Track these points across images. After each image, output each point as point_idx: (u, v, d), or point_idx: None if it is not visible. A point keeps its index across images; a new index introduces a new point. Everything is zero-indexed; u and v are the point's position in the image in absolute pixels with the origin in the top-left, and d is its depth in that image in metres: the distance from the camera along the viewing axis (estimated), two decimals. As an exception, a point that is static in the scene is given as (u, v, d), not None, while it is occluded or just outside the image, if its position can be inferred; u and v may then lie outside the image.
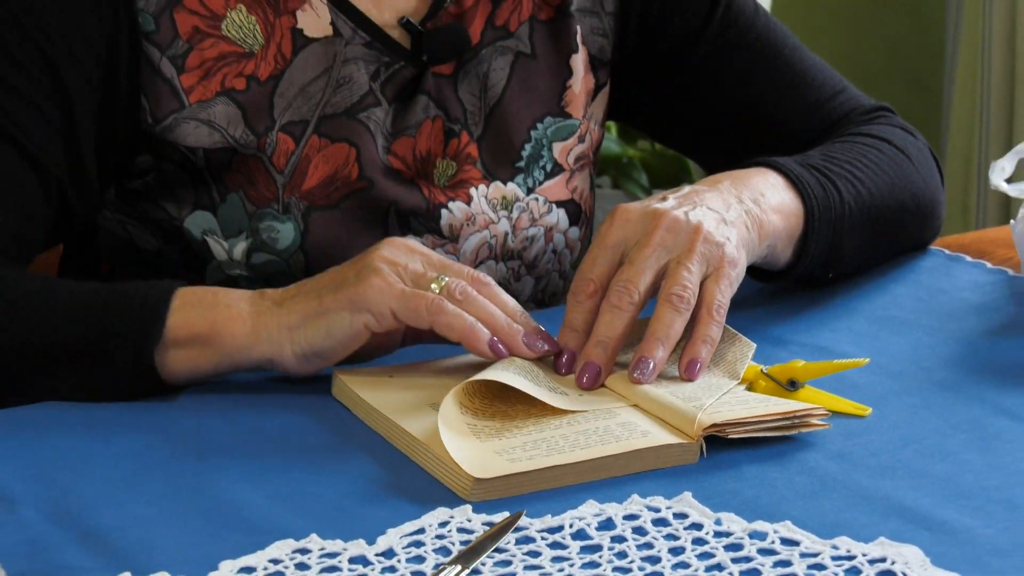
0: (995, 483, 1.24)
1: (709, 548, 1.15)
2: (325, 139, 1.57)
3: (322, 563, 1.13)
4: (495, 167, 1.64)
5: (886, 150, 1.63)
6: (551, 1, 1.66)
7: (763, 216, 1.47)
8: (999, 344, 1.49)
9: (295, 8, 1.56)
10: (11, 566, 0.98)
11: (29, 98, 1.48)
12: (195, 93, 1.53)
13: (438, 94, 1.61)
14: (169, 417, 1.37)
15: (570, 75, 1.67)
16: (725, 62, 1.70)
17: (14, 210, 1.48)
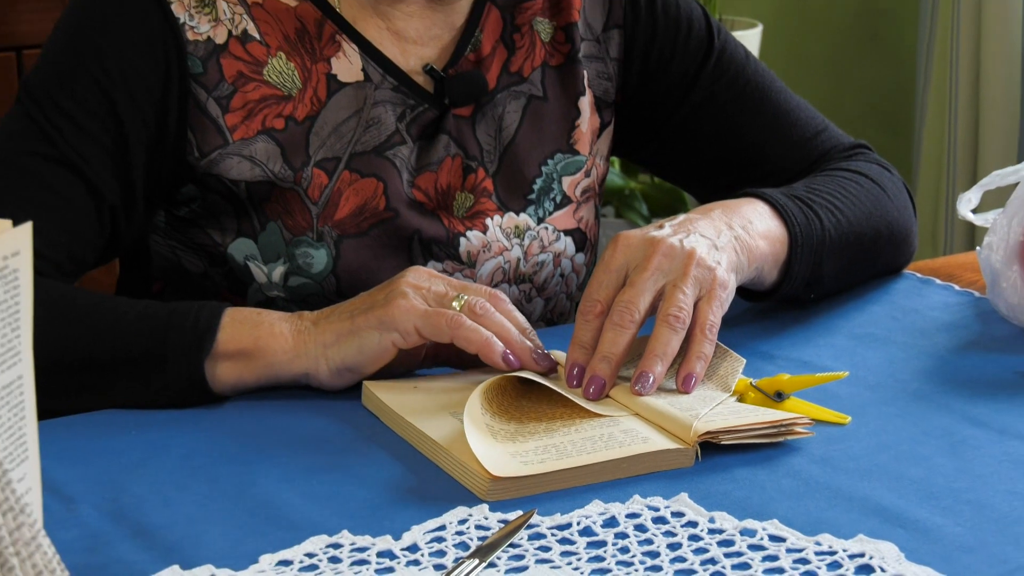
0: (963, 485, 1.24)
1: (704, 544, 1.14)
2: (355, 174, 1.57)
3: (353, 557, 1.13)
4: (508, 199, 1.64)
5: (863, 183, 1.63)
6: (561, 49, 1.66)
7: (751, 241, 1.48)
8: (966, 359, 1.49)
9: (330, 56, 1.56)
10: (69, 560, 0.97)
11: (90, 132, 1.49)
12: (238, 131, 1.53)
13: (458, 134, 1.61)
14: (214, 423, 1.37)
15: (578, 115, 1.67)
16: (718, 105, 1.70)
17: (71, 230, 1.49)
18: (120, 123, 1.50)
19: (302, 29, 1.56)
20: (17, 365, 0.99)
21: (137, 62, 1.51)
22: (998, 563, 1.12)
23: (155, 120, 1.52)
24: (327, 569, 1.12)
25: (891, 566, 1.11)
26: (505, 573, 1.11)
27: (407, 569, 1.12)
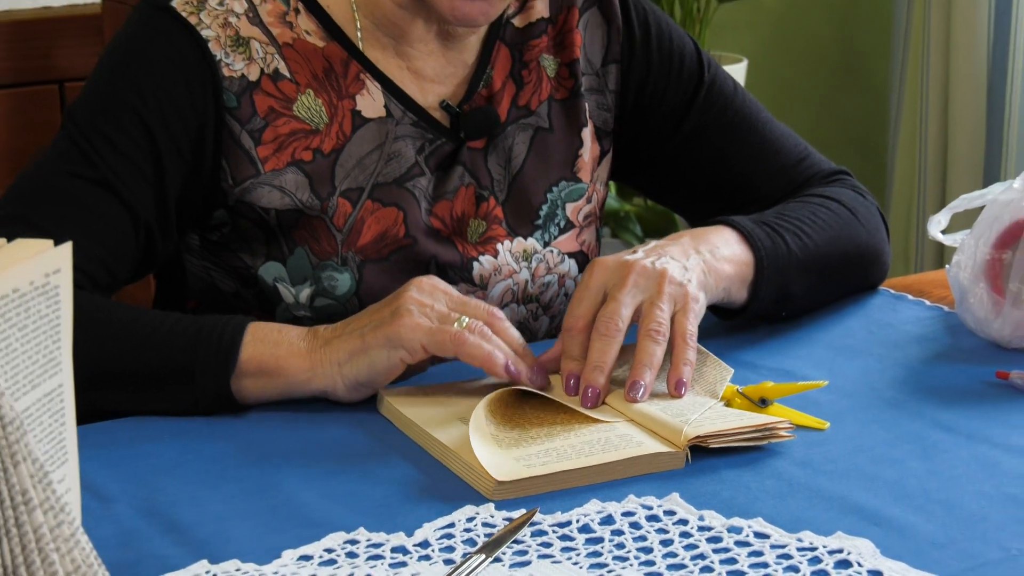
0: (934, 486, 1.23)
1: (694, 540, 1.14)
2: (377, 203, 1.56)
3: (368, 552, 1.13)
4: (517, 225, 1.63)
5: (834, 208, 1.63)
6: (565, 83, 1.66)
7: (717, 265, 1.48)
8: (936, 369, 1.48)
9: (355, 93, 1.56)
10: (105, 555, 0.97)
11: (128, 156, 1.49)
12: (269, 163, 1.53)
13: (472, 165, 1.61)
14: (240, 429, 1.37)
15: (581, 145, 1.67)
16: (708, 134, 1.70)
17: (107, 245, 1.48)
18: (157, 151, 1.50)
19: (329, 68, 1.56)
20: (58, 375, 0.99)
21: (175, 95, 1.51)
22: (967, 558, 1.12)
23: (191, 149, 1.51)
24: (345, 563, 1.12)
25: (867, 561, 1.10)
26: (510, 568, 1.11)
27: (419, 564, 1.11)
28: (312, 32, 1.56)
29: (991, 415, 1.37)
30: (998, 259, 1.50)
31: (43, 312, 0.96)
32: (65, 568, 0.89)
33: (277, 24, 1.55)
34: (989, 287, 1.51)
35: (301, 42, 1.55)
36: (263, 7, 1.55)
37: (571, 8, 1.66)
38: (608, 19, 1.68)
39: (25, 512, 0.87)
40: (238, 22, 1.53)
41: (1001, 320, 1.50)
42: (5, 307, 0.92)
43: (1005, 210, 1.51)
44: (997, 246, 1.50)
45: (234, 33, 1.53)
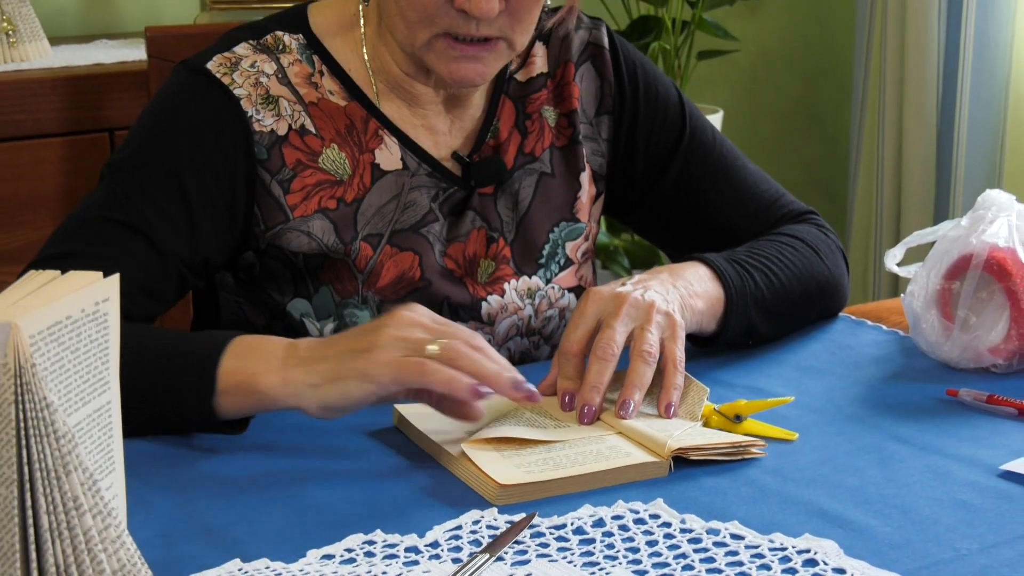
0: (891, 492, 1.23)
1: (676, 541, 1.14)
2: (395, 248, 1.56)
3: (384, 551, 1.13)
4: (523, 264, 1.63)
5: (799, 247, 1.63)
6: (565, 132, 1.66)
7: (690, 300, 1.48)
8: (893, 387, 1.48)
9: (374, 148, 1.56)
10: (148, 554, 0.97)
11: (160, 205, 1.47)
12: (298, 210, 1.52)
13: (482, 209, 1.61)
14: (270, 441, 1.36)
15: (579, 188, 1.66)
16: (690, 178, 1.70)
17: (138, 283, 1.45)
18: (188, 201, 1.48)
19: (351, 124, 1.55)
20: (106, 392, 0.99)
21: (207, 151, 1.50)
22: (920, 558, 1.11)
23: (223, 199, 1.50)
24: (363, 562, 1.11)
25: (832, 560, 1.10)
26: (511, 565, 1.11)
27: (430, 562, 1.11)
28: (335, 92, 1.56)
29: (942, 428, 1.37)
30: (948, 289, 1.50)
31: (93, 336, 0.96)
32: (112, 567, 0.88)
33: (303, 84, 1.55)
34: (940, 314, 1.50)
35: (325, 101, 1.55)
36: (291, 69, 1.54)
37: (568, 63, 1.65)
38: (601, 73, 1.67)
39: (76, 516, 0.87)
40: (268, 82, 1.53)
41: (951, 343, 1.50)
42: (59, 332, 0.91)
43: (954, 245, 1.51)
44: (947, 277, 1.50)
45: (264, 92, 1.52)
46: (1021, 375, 1.50)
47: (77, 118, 2.35)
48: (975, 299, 1.49)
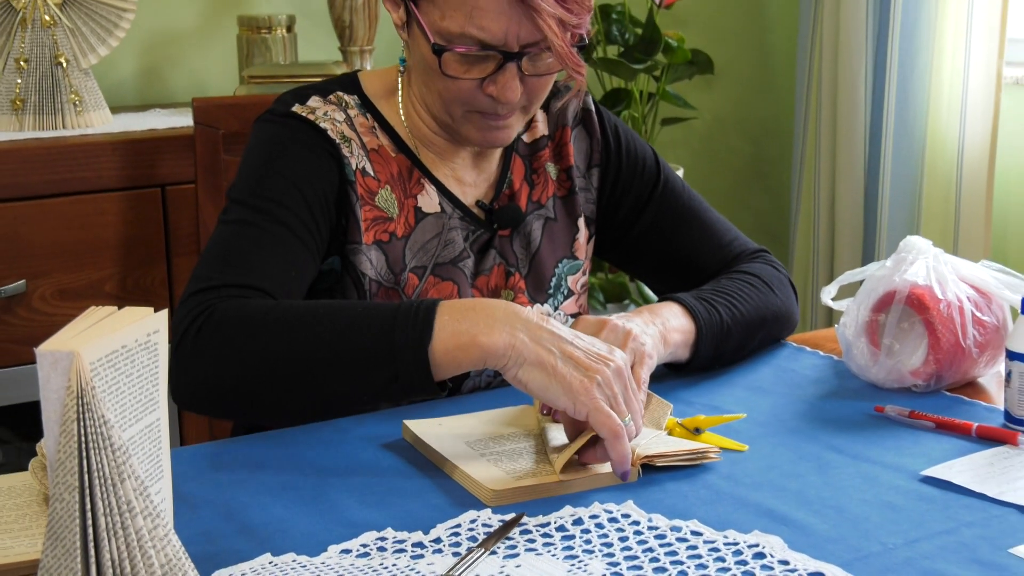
0: (828, 495, 1.23)
1: (644, 537, 1.14)
2: (437, 278, 1.56)
3: (395, 546, 1.12)
4: (535, 294, 1.64)
5: (756, 283, 1.63)
6: (564, 184, 1.68)
7: (667, 334, 1.48)
8: (828, 404, 1.48)
9: (416, 193, 1.57)
10: (191, 550, 0.97)
11: (293, 209, 1.46)
12: (364, 236, 1.53)
13: (501, 248, 1.62)
14: (298, 452, 1.35)
15: (577, 231, 1.68)
16: (663, 220, 1.71)
17: (302, 270, 1.45)
18: (310, 205, 1.48)
19: (399, 172, 1.57)
20: (156, 411, 0.98)
21: (313, 166, 1.50)
22: (853, 551, 1.11)
23: (331, 203, 1.50)
24: (376, 555, 1.11)
25: (778, 553, 1.10)
26: (503, 558, 1.10)
27: (433, 556, 1.11)
28: (386, 145, 1.57)
29: (871, 440, 1.36)
30: (875, 320, 1.50)
31: (145, 363, 0.96)
32: (160, 561, 0.88)
33: (366, 134, 1.56)
34: (868, 342, 1.50)
35: (382, 150, 1.57)
36: (356, 120, 1.56)
37: (564, 127, 1.68)
38: (590, 134, 1.69)
39: (129, 518, 0.87)
40: (340, 126, 1.54)
41: (878, 367, 1.50)
42: (116, 359, 0.91)
43: (880, 283, 1.51)
44: (874, 310, 1.50)
45: (340, 133, 1.54)
46: (938, 394, 1.49)
47: (133, 175, 2.35)
48: (898, 329, 1.49)
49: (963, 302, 1.48)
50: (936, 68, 2.94)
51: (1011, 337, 1.39)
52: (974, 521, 1.17)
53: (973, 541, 1.13)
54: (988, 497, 1.21)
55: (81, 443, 0.86)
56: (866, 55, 3.04)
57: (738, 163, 3.59)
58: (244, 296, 1.38)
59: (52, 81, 2.44)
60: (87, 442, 0.86)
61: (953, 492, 1.23)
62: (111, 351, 0.90)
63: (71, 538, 0.85)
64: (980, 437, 1.35)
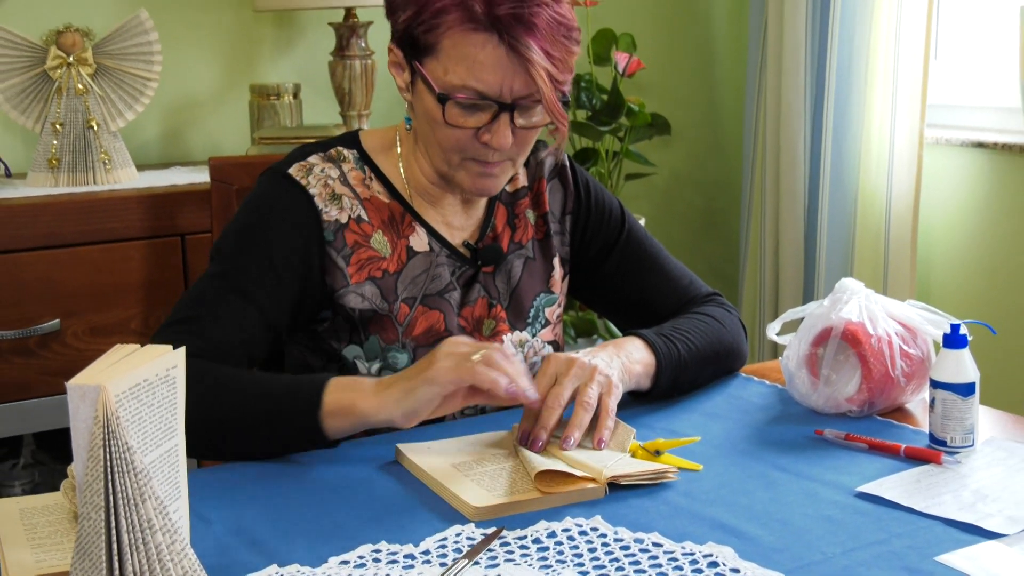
0: (774, 509, 1.22)
1: (611, 548, 1.13)
2: (426, 308, 1.57)
3: (388, 558, 1.12)
4: (515, 323, 1.63)
5: (709, 321, 1.64)
6: (541, 229, 1.68)
7: (630, 366, 1.49)
8: (774, 428, 1.47)
9: (408, 235, 1.58)
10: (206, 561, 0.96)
11: (259, 278, 1.49)
12: (354, 278, 1.53)
13: (485, 283, 1.62)
14: (302, 473, 1.35)
15: (553, 269, 1.68)
16: (626, 264, 1.71)
17: (243, 339, 1.48)
18: (278, 274, 1.50)
19: (392, 217, 1.57)
20: (174, 437, 0.98)
21: (291, 237, 1.52)
22: (796, 559, 1.11)
23: (304, 271, 1.52)
24: (371, 566, 1.10)
25: (729, 563, 1.09)
26: (485, 568, 1.10)
27: (423, 566, 1.10)
28: (381, 193, 1.58)
29: (812, 459, 1.36)
30: (814, 353, 1.50)
31: (165, 395, 0.95)
32: (177, 573, 0.87)
33: (359, 186, 1.57)
34: (808, 372, 1.50)
35: (375, 198, 1.57)
36: (350, 174, 1.57)
37: (541, 179, 1.69)
38: (564, 185, 1.70)
39: (149, 534, 0.86)
40: (333, 183, 1.55)
41: (817, 394, 1.50)
42: (138, 392, 0.90)
43: (818, 320, 1.51)
44: (813, 344, 1.50)
45: (331, 191, 1.55)
46: (870, 418, 1.49)
47: (156, 226, 2.34)
48: (835, 361, 1.49)
49: (892, 337, 1.48)
50: (866, 130, 2.96)
51: (934, 368, 1.39)
52: (904, 532, 1.17)
53: (903, 550, 1.13)
54: (916, 511, 1.21)
55: (107, 467, 0.85)
56: (805, 119, 3.06)
57: (693, 214, 3.60)
58: (192, 356, 1.39)
59: (84, 142, 2.44)
60: (112, 466, 0.85)
61: (885, 506, 1.23)
62: (134, 384, 0.90)
63: (97, 552, 0.85)
64: (908, 457, 1.35)
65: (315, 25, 2.95)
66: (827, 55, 2.98)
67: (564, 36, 1.45)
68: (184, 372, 0.98)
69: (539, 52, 1.42)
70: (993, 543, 1.14)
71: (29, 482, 2.53)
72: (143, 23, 2.46)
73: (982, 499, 1.23)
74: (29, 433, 2.43)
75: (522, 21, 1.41)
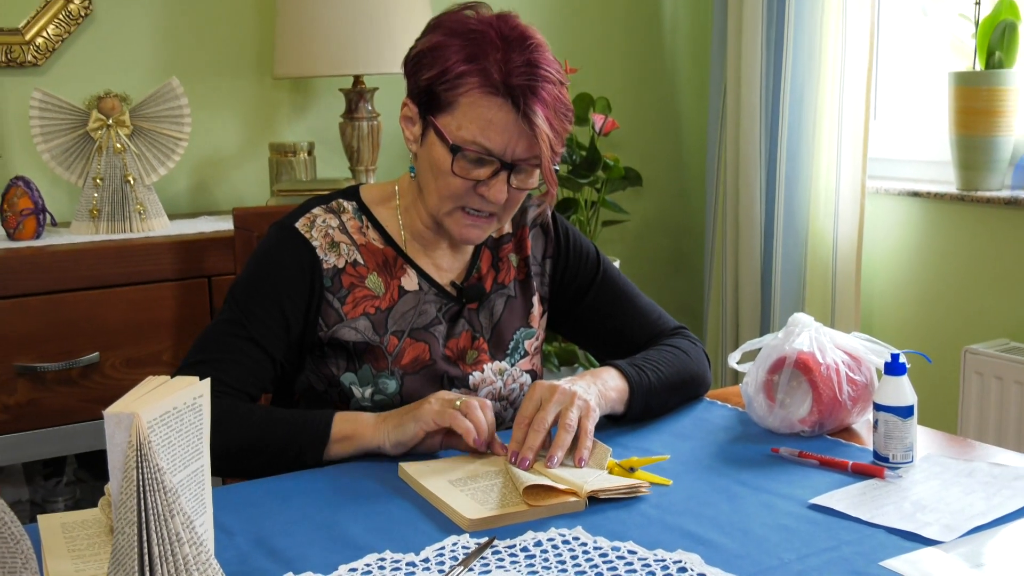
0: (736, 519, 1.22)
1: (591, 555, 1.13)
2: (413, 340, 1.56)
3: (392, 565, 1.11)
4: (496, 353, 1.62)
5: (677, 353, 1.63)
6: (522, 270, 1.67)
7: (606, 392, 1.49)
8: (735, 447, 1.47)
9: (400, 276, 1.57)
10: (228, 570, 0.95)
11: (267, 322, 1.51)
12: (350, 313, 1.54)
13: (469, 318, 1.61)
14: (315, 488, 1.33)
15: (532, 306, 1.67)
16: (601, 302, 1.70)
17: (254, 376, 1.50)
18: (286, 318, 1.52)
19: (385, 260, 1.58)
20: (200, 459, 0.97)
21: (296, 284, 1.53)
22: (756, 564, 1.10)
23: (304, 314, 1.53)
24: (377, 573, 1.09)
25: (697, 568, 1.09)
26: (478, 573, 1.09)
27: (423, 573, 1.09)
28: (376, 239, 1.58)
29: (769, 475, 1.36)
30: (770, 380, 1.50)
31: (192, 421, 0.95)
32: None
33: (356, 233, 1.57)
34: (765, 397, 1.50)
35: (370, 244, 1.57)
36: (349, 223, 1.57)
37: (524, 227, 1.68)
38: (545, 233, 1.70)
39: (177, 546, 0.85)
40: (333, 232, 1.56)
41: (773, 416, 1.50)
42: (168, 419, 0.90)
43: (774, 351, 1.51)
44: (770, 372, 1.50)
45: (330, 240, 1.55)
46: (821, 437, 1.49)
47: (185, 269, 2.34)
48: (788, 387, 1.49)
49: (839, 365, 1.48)
50: (815, 181, 2.97)
51: (877, 392, 1.39)
52: (851, 540, 1.16)
53: (851, 556, 1.12)
54: (862, 520, 1.21)
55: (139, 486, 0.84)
56: (760, 172, 3.08)
57: (662, 256, 3.61)
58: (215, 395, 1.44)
59: (122, 195, 2.44)
60: (144, 486, 0.84)
61: (834, 516, 1.22)
62: (164, 412, 0.89)
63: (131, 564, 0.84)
64: (855, 472, 1.35)
65: (327, 91, 2.96)
66: (779, 115, 3.00)
67: (563, 113, 1.48)
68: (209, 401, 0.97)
69: (544, 121, 1.44)
70: (931, 549, 1.13)
71: (71, 498, 2.51)
72: (174, 89, 2.47)
73: (921, 509, 1.23)
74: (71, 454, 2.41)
75: (534, 92, 1.44)
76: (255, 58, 2.87)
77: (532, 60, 1.45)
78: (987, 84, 2.63)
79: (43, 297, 2.22)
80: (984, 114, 2.64)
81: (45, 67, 2.63)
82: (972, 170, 2.69)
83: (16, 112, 2.59)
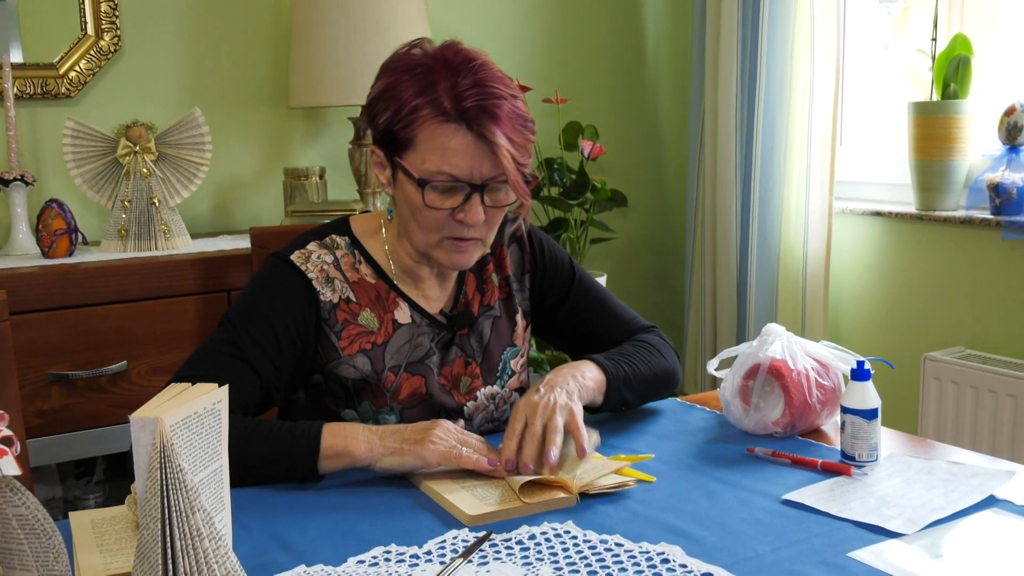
0: (714, 514, 1.21)
1: (581, 548, 1.12)
2: (409, 374, 1.52)
3: (397, 558, 1.10)
4: (487, 377, 1.60)
5: (649, 348, 1.62)
6: (505, 289, 1.65)
7: (585, 383, 1.46)
8: (713, 447, 1.47)
9: (393, 309, 1.53)
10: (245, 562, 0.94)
11: (261, 345, 1.44)
12: (346, 351, 1.49)
13: (461, 345, 1.58)
14: (324, 487, 1.33)
15: (516, 325, 1.65)
16: (579, 309, 1.68)
17: (244, 394, 1.42)
18: (279, 344, 1.45)
19: (378, 295, 1.53)
20: (219, 460, 0.97)
21: (292, 312, 1.47)
22: (733, 555, 1.10)
23: (302, 343, 1.47)
24: (383, 565, 1.09)
25: (679, 559, 1.09)
26: (477, 566, 1.08)
27: (426, 564, 1.09)
28: (368, 275, 1.54)
29: (745, 472, 1.35)
30: (746, 385, 1.50)
31: (212, 425, 0.94)
32: (221, 573, 0.86)
33: (349, 270, 1.53)
34: (741, 401, 1.50)
35: (363, 280, 1.53)
36: (342, 260, 1.53)
37: (502, 245, 1.65)
38: (522, 249, 1.67)
39: (198, 541, 0.85)
40: (327, 268, 1.51)
41: (748, 419, 1.49)
42: (189, 422, 0.89)
43: (749, 358, 1.51)
44: (745, 378, 1.50)
45: (325, 275, 1.50)
46: (793, 438, 1.49)
47: (206, 284, 2.34)
48: (762, 391, 1.49)
49: (809, 371, 1.48)
50: (786, 202, 2.97)
51: (844, 396, 1.39)
52: (821, 532, 1.16)
53: (821, 547, 1.12)
54: (831, 514, 1.21)
55: (162, 485, 0.84)
56: (736, 193, 3.09)
57: (646, 271, 3.61)
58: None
59: (148, 216, 2.44)
60: (167, 485, 0.84)
61: (805, 511, 1.22)
62: (186, 416, 0.89)
63: (155, 557, 0.83)
64: (824, 470, 1.35)
65: (337, 119, 2.97)
66: (753, 141, 3.01)
67: (522, 125, 1.42)
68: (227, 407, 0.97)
69: (503, 137, 1.39)
70: (895, 541, 1.13)
71: (101, 495, 2.50)
72: (196, 119, 2.47)
73: (885, 504, 1.22)
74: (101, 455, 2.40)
75: (486, 111, 1.38)
76: (271, 89, 2.87)
77: (479, 80, 1.39)
78: (943, 113, 2.64)
79: (75, 310, 2.22)
80: (941, 141, 2.66)
81: (77, 99, 2.63)
82: (930, 192, 2.71)
83: (51, 140, 2.59)
